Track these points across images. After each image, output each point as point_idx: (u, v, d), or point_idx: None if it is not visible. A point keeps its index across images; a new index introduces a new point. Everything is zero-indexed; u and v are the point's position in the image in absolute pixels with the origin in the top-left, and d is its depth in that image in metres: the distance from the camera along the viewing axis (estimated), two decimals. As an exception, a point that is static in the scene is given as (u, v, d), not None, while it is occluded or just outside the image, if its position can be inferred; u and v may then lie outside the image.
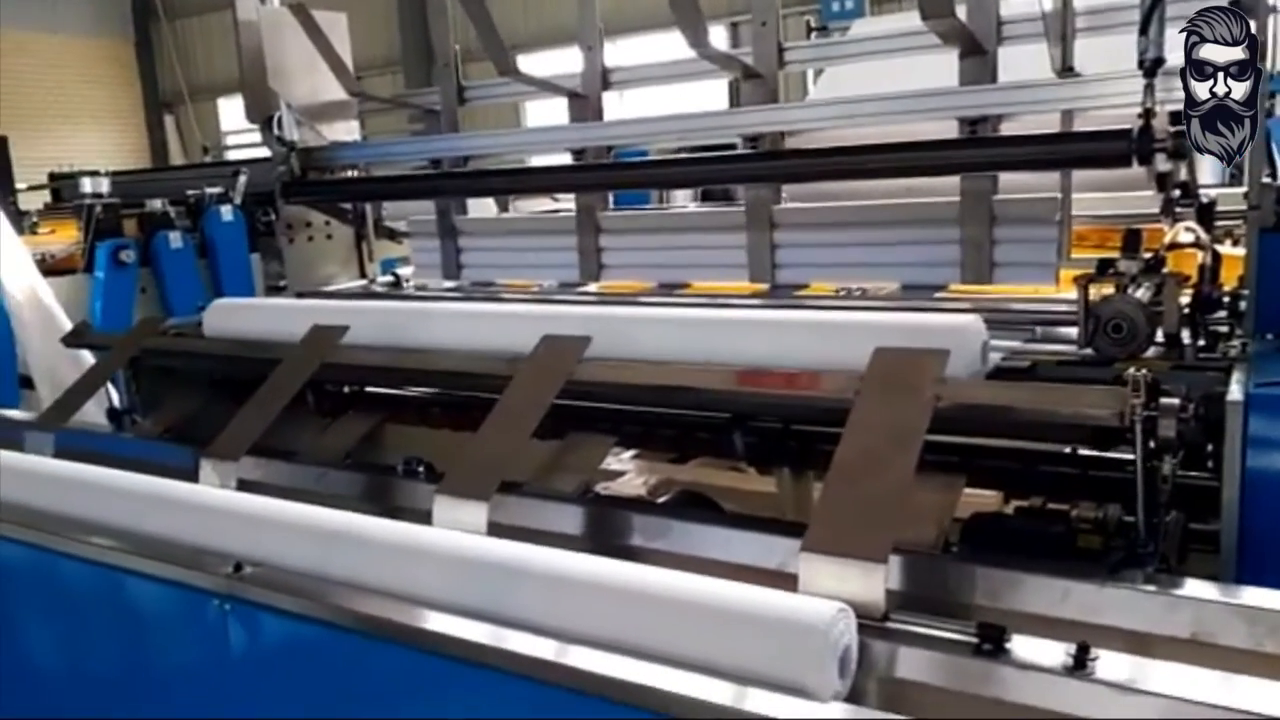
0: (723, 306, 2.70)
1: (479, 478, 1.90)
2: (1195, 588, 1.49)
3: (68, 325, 5.41)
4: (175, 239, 6.56)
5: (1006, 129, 2.66)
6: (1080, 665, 1.30)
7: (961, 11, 2.63)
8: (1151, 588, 1.50)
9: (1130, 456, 1.69)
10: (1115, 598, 1.50)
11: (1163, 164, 2.17)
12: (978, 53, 2.61)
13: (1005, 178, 2.74)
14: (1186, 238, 2.18)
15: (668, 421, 2.49)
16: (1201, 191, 2.30)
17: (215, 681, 1.87)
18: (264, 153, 7.74)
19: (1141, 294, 2.20)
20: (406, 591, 1.65)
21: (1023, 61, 2.70)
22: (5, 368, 5.69)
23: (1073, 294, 2.05)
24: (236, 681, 1.83)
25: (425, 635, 1.55)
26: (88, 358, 5.18)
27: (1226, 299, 2.12)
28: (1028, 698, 1.32)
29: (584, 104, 3.33)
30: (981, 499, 2.06)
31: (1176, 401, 1.62)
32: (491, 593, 1.56)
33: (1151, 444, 1.64)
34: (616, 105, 3.80)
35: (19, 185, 8.73)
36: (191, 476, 2.26)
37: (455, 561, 1.63)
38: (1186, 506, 1.80)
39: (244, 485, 2.24)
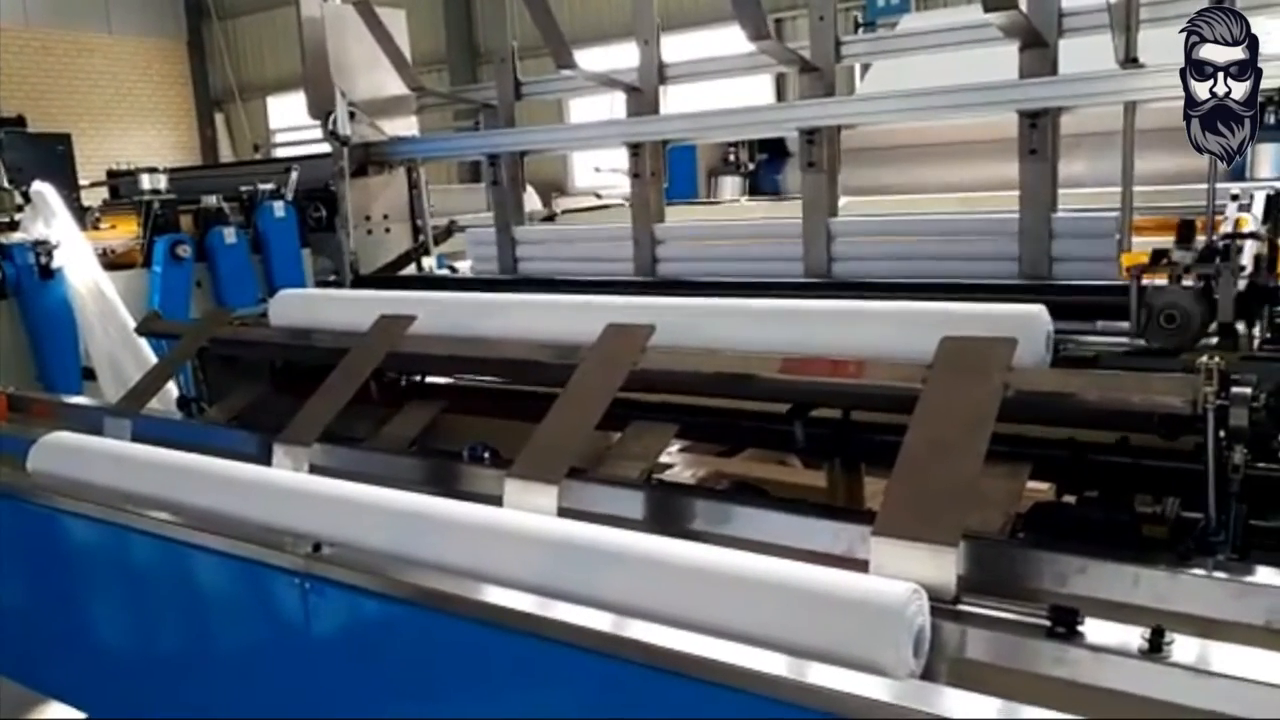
0: (782, 296, 2.71)
1: (548, 462, 1.94)
2: (1269, 575, 1.49)
3: (128, 318, 5.58)
4: (229, 234, 6.71)
5: (1066, 121, 2.66)
6: (1155, 649, 1.32)
7: (1022, 3, 2.62)
8: (1224, 574, 1.51)
9: (1190, 449, 1.70)
10: (1187, 584, 1.50)
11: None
12: (1039, 45, 2.61)
13: (1065, 176, 2.72)
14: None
15: (725, 413, 2.51)
16: (1269, 184, 2.28)
17: (295, 656, 1.93)
18: (314, 149, 7.89)
19: (1193, 284, 2.19)
20: (482, 571, 1.70)
21: (1073, 53, 2.69)
22: (70, 359, 5.85)
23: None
24: (315, 656, 1.90)
25: (503, 613, 1.59)
26: (145, 350, 5.35)
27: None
28: (1101, 680, 1.34)
29: (640, 98, 3.36)
30: (1032, 491, 2.06)
31: (1248, 390, 1.63)
32: (568, 571, 1.60)
33: (1221, 433, 1.64)
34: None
35: (81, 182, 8.94)
36: (261, 462, 2.33)
37: (534, 541, 1.67)
38: (1248, 500, 1.79)
39: (314, 470, 2.30)
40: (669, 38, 3.40)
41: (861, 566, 1.53)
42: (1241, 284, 2.00)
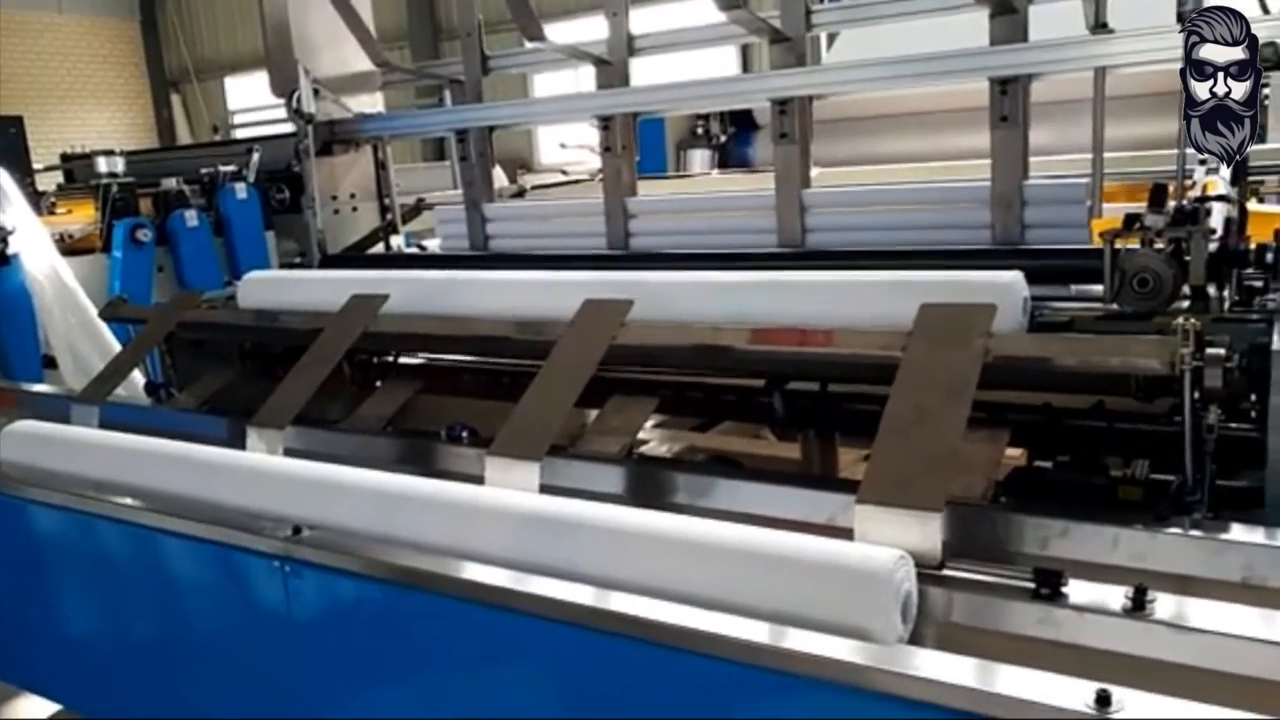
0: (757, 267, 2.71)
1: (528, 439, 1.93)
2: (1245, 532, 1.51)
3: (88, 304, 5.47)
4: (191, 217, 6.57)
5: (1037, 88, 2.66)
6: (1139, 607, 1.34)
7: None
8: (1200, 533, 1.53)
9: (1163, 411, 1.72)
10: (1166, 543, 1.52)
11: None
12: (1009, 11, 2.60)
13: (1035, 144, 2.72)
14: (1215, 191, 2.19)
15: (702, 387, 2.51)
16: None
17: (278, 640, 1.91)
18: (276, 130, 7.74)
19: (1165, 247, 2.21)
20: (465, 549, 1.69)
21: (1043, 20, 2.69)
22: (29, 347, 5.73)
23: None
24: (298, 640, 1.88)
25: (487, 590, 1.58)
26: (107, 336, 5.25)
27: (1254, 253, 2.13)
28: (1086, 639, 1.36)
29: (610, 71, 3.33)
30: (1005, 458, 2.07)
31: (1222, 352, 1.65)
32: (553, 547, 1.59)
33: (1196, 394, 1.66)
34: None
35: (35, 166, 8.74)
36: (235, 447, 2.29)
37: (518, 518, 1.66)
38: (1216, 461, 1.81)
39: (289, 453, 2.27)
40: (637, 10, 3.36)
41: (844, 535, 1.54)
42: (1212, 247, 2.02)
